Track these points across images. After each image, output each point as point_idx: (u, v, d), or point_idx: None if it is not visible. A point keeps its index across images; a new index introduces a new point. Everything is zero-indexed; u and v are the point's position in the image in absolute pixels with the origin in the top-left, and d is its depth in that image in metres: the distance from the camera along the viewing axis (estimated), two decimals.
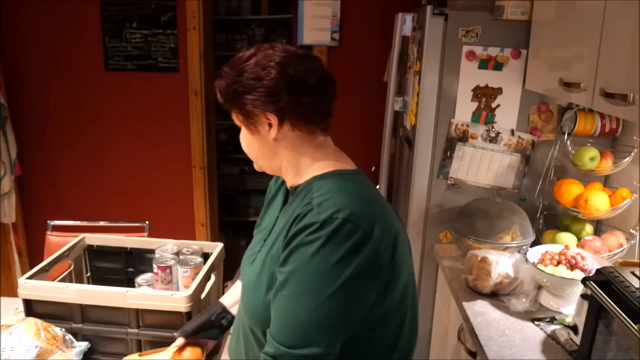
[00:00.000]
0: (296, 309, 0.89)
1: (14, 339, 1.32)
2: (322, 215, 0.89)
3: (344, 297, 0.89)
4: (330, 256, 0.87)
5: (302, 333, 0.89)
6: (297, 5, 2.92)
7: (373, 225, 0.91)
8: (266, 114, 0.99)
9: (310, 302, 0.88)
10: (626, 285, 1.09)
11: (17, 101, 3.04)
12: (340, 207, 0.90)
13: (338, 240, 0.88)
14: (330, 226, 0.88)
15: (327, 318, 0.89)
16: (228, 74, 1.01)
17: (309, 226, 0.89)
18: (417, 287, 2.06)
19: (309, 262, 0.88)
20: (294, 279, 0.90)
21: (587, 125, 1.74)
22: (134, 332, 1.38)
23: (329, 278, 0.88)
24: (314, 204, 0.92)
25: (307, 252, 0.89)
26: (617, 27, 1.21)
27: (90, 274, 1.77)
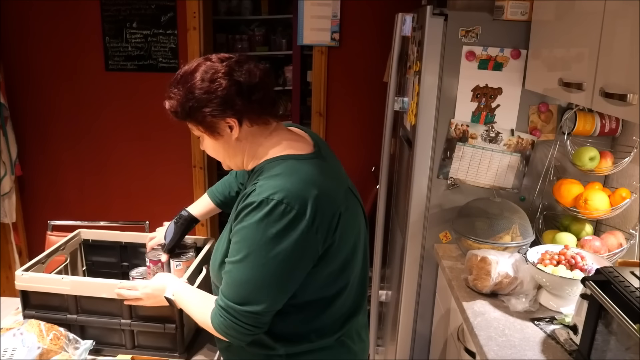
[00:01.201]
0: (238, 273, 1.07)
1: (16, 340, 1.33)
2: (261, 196, 1.04)
3: (279, 266, 1.05)
4: (265, 232, 1.03)
5: (244, 292, 1.07)
6: (297, 5, 2.92)
7: (306, 206, 1.05)
8: (225, 119, 1.11)
9: (250, 268, 1.06)
10: (626, 285, 1.10)
11: (17, 101, 3.05)
12: (277, 189, 1.04)
13: (272, 219, 1.03)
14: (266, 207, 1.03)
15: (263, 282, 1.06)
16: (177, 94, 1.11)
17: (249, 205, 1.05)
18: (417, 287, 2.07)
19: (248, 235, 1.05)
20: (237, 248, 1.07)
21: (586, 125, 1.74)
22: (127, 323, 1.42)
23: (265, 249, 1.04)
24: (257, 185, 1.08)
25: (246, 227, 1.05)
26: (617, 27, 1.21)
27: (86, 268, 1.81)
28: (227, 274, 1.10)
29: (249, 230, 1.05)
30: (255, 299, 1.07)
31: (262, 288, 1.07)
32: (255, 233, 1.04)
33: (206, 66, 1.11)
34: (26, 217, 3.26)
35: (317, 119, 3.06)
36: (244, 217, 1.06)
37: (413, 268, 2.05)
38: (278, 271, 1.06)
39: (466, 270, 1.65)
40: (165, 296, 1.28)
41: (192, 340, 1.51)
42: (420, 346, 2.14)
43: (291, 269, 1.08)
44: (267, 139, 1.17)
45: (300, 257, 1.08)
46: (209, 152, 1.20)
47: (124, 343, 1.45)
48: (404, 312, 2.10)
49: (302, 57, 3.38)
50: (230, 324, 1.08)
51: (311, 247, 1.08)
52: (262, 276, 1.06)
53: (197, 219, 1.56)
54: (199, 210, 1.57)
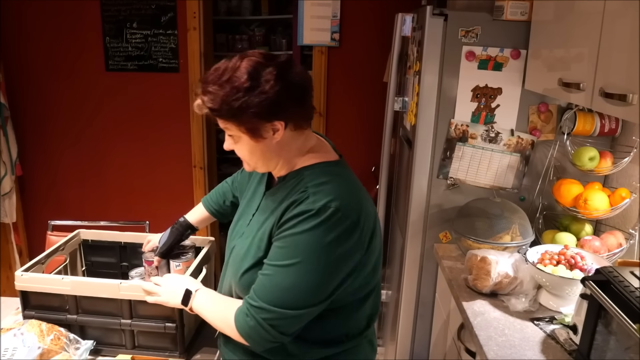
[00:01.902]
0: (283, 278, 1.04)
1: (17, 340, 1.33)
2: (317, 204, 1.03)
3: (328, 273, 1.05)
4: (322, 239, 1.02)
5: (285, 297, 1.04)
6: (297, 5, 2.92)
7: (360, 214, 1.06)
8: (273, 122, 1.05)
9: (298, 274, 1.03)
10: (625, 285, 1.10)
11: (17, 101, 3.05)
12: (333, 197, 1.04)
13: (329, 227, 1.02)
14: (324, 214, 1.02)
15: (309, 289, 1.04)
16: (218, 90, 1.03)
17: (306, 212, 1.03)
18: (417, 287, 2.07)
19: (302, 242, 1.03)
20: (285, 253, 1.05)
21: (586, 126, 1.74)
22: (127, 323, 1.42)
23: (318, 257, 1.03)
24: (309, 192, 1.06)
25: (302, 233, 1.03)
26: (616, 27, 1.21)
27: (85, 268, 1.81)
28: (267, 277, 1.06)
29: (303, 236, 1.03)
30: (295, 304, 1.05)
31: (307, 294, 1.05)
32: (311, 240, 1.02)
33: (252, 63, 1.04)
34: (26, 217, 3.26)
35: (317, 119, 3.06)
36: (298, 224, 1.03)
37: (413, 268, 2.05)
38: (326, 278, 1.05)
39: (466, 270, 1.65)
40: (187, 288, 1.24)
41: (192, 340, 1.52)
42: (420, 346, 2.14)
43: (338, 276, 1.06)
44: (303, 145, 1.14)
45: (349, 265, 1.07)
46: (242, 152, 1.13)
47: (124, 343, 1.45)
48: (404, 312, 2.10)
49: (302, 57, 3.38)
50: (255, 325, 1.05)
51: (359, 254, 1.08)
52: (309, 283, 1.04)
53: (193, 226, 1.56)
54: (195, 218, 1.57)
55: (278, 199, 1.13)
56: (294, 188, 1.10)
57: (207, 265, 1.60)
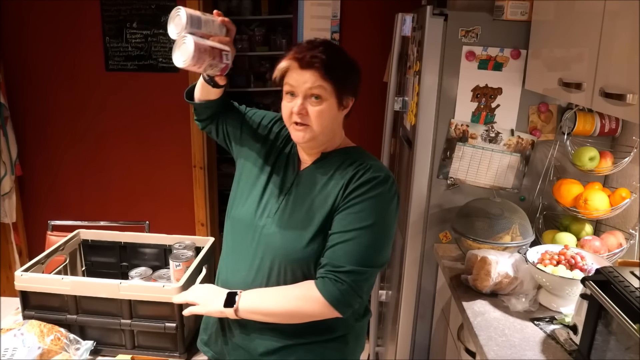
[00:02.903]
0: (366, 238, 1.13)
1: (17, 340, 1.33)
2: (382, 173, 1.18)
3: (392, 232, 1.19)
4: (390, 202, 1.17)
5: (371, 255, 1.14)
6: (297, 5, 2.92)
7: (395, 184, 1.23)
8: (350, 98, 1.21)
9: (377, 233, 1.15)
10: (625, 285, 1.10)
11: (17, 101, 3.05)
12: (385, 170, 1.20)
13: (393, 193, 1.18)
14: (388, 182, 1.18)
15: (385, 245, 1.17)
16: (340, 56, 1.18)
17: (375, 178, 1.16)
18: (417, 287, 2.07)
19: (377, 204, 1.15)
20: (363, 216, 1.14)
21: (586, 125, 1.74)
22: (127, 323, 1.42)
23: (389, 217, 1.17)
24: (369, 164, 1.19)
25: (375, 197, 1.15)
26: (616, 27, 1.21)
27: (85, 268, 1.81)
28: (350, 242, 1.13)
29: (376, 200, 1.15)
30: (378, 261, 1.16)
31: (385, 251, 1.17)
32: (382, 202, 1.15)
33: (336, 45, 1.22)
34: (26, 217, 3.26)
35: None
36: (370, 189, 1.15)
37: (413, 268, 2.05)
38: (391, 236, 1.19)
39: (466, 270, 1.65)
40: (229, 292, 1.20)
41: (192, 340, 1.52)
42: (420, 346, 2.14)
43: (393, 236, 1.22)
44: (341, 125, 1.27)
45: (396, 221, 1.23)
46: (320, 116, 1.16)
47: (124, 343, 1.45)
48: (404, 312, 2.10)
49: None
50: (348, 289, 1.12)
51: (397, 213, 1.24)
52: (385, 241, 1.17)
53: None
54: None
55: (326, 174, 1.21)
56: (344, 163, 1.21)
57: (207, 265, 1.60)
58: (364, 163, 1.20)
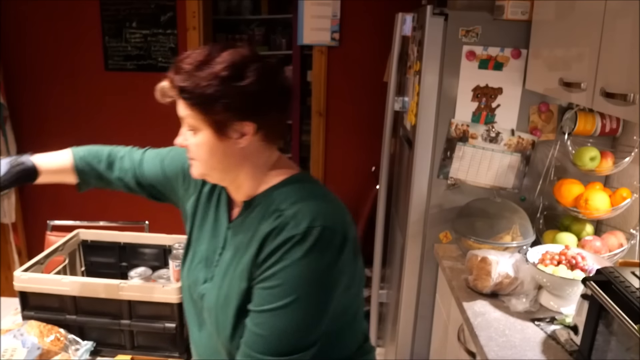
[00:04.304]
0: (285, 320, 0.91)
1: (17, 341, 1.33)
2: (301, 227, 0.90)
3: (331, 299, 0.94)
4: (316, 265, 0.91)
5: (293, 341, 0.92)
6: (297, 5, 2.92)
7: (345, 226, 0.95)
8: (243, 122, 0.93)
9: (300, 311, 0.91)
10: (626, 286, 1.09)
11: (17, 101, 3.04)
12: (315, 215, 0.92)
13: (321, 249, 0.90)
14: (311, 236, 0.90)
15: (316, 322, 0.93)
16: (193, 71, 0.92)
17: (291, 239, 0.90)
18: (417, 287, 2.07)
19: (295, 274, 0.90)
20: (278, 293, 0.91)
21: (587, 125, 1.74)
22: (127, 324, 1.42)
23: (316, 285, 0.91)
24: (287, 215, 0.92)
25: (293, 265, 0.90)
26: (617, 26, 1.21)
27: (85, 269, 1.81)
28: (264, 326, 0.92)
29: (294, 267, 0.90)
30: (307, 343, 0.92)
31: (315, 329, 0.93)
32: (304, 270, 0.90)
33: (238, 55, 0.93)
34: (25, 217, 3.26)
35: (317, 118, 3.06)
36: (285, 255, 0.90)
37: (413, 268, 2.05)
38: (329, 304, 0.94)
39: (466, 271, 1.65)
40: None
41: None
42: (420, 346, 2.13)
43: (336, 296, 0.95)
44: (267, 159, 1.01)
45: (348, 282, 0.97)
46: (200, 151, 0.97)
47: (123, 343, 1.45)
48: (404, 312, 2.10)
49: (302, 57, 3.38)
50: None
51: (355, 268, 0.99)
52: (315, 316, 0.93)
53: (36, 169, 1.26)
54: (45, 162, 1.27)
55: (249, 232, 0.98)
56: (265, 214, 0.96)
57: None
58: (283, 214, 0.93)
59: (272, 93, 0.94)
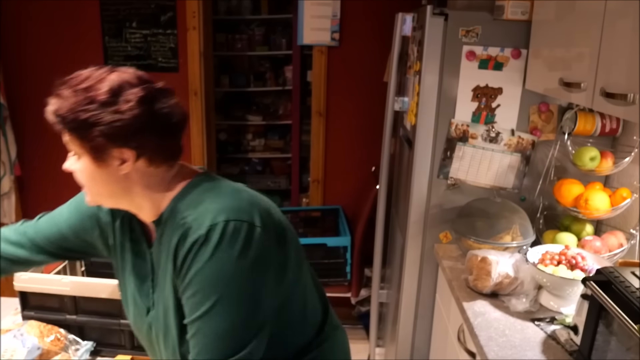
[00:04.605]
0: (214, 324, 0.89)
1: (17, 341, 1.33)
2: (203, 227, 0.89)
3: (253, 289, 0.92)
4: (226, 260, 0.89)
5: (229, 342, 0.90)
6: (297, 5, 2.92)
7: (252, 214, 0.93)
8: (122, 149, 0.91)
9: (226, 311, 0.89)
10: (626, 286, 1.09)
11: (17, 101, 3.04)
12: (216, 212, 0.91)
13: (227, 243, 0.89)
14: (215, 233, 0.89)
15: (246, 317, 0.91)
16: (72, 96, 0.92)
17: (196, 242, 0.89)
18: (417, 287, 2.07)
19: (208, 275, 0.89)
20: (200, 299, 0.90)
21: (587, 125, 1.74)
22: (127, 323, 1.41)
23: (234, 279, 0.90)
24: (189, 221, 0.91)
25: (205, 267, 0.89)
26: (617, 27, 1.21)
27: (85, 268, 1.80)
28: (198, 334, 0.91)
29: (206, 269, 0.89)
30: (243, 341, 0.91)
31: (247, 324, 0.92)
32: (216, 268, 0.89)
33: (118, 78, 0.93)
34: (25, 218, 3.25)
35: (317, 119, 3.06)
36: (194, 260, 0.90)
37: (413, 268, 2.05)
38: (259, 295, 0.92)
39: (466, 271, 1.65)
40: None
41: None
42: (420, 346, 2.13)
43: (265, 286, 0.94)
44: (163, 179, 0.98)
45: (267, 269, 0.94)
46: (82, 176, 0.96)
47: (123, 344, 1.45)
48: (404, 312, 2.10)
49: (302, 57, 3.37)
50: None
51: (272, 255, 0.96)
52: (242, 311, 0.91)
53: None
54: None
55: (166, 249, 0.96)
56: (174, 227, 0.94)
57: None
58: (185, 221, 0.92)
59: (150, 119, 0.92)
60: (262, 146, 4.23)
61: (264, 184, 4.22)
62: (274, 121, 4.15)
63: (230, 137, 4.19)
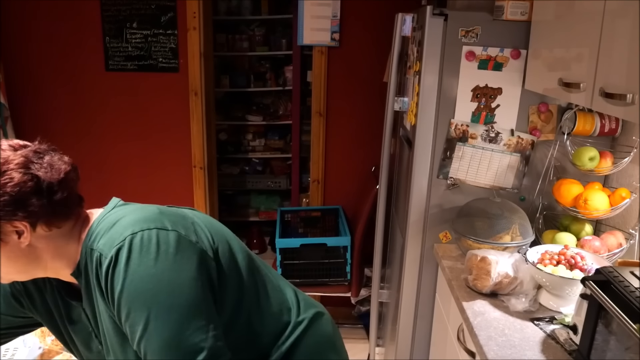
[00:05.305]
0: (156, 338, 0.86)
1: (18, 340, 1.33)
2: (112, 249, 0.87)
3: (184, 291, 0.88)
4: (143, 271, 0.86)
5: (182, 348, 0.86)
6: (297, 5, 2.92)
7: (161, 221, 0.92)
8: (13, 222, 0.88)
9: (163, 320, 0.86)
10: (625, 285, 1.10)
11: (17, 101, 3.05)
12: (121, 232, 0.89)
13: (138, 255, 0.86)
14: (124, 249, 0.87)
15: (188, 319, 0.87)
16: None
17: (109, 266, 0.87)
18: (417, 287, 2.07)
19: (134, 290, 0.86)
20: (134, 319, 0.87)
21: (586, 125, 1.74)
22: None
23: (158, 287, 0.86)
24: (99, 249, 0.90)
25: (124, 286, 0.86)
26: (616, 27, 1.21)
27: None
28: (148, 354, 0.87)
29: (127, 287, 0.86)
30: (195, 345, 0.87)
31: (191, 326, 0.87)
32: (135, 282, 0.86)
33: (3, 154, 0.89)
34: None
35: (317, 119, 3.06)
36: (112, 282, 0.87)
37: (413, 268, 2.05)
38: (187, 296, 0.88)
39: (466, 270, 1.65)
40: None
41: None
42: (420, 346, 2.14)
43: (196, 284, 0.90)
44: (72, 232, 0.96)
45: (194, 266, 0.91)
46: None
47: None
48: (404, 312, 2.10)
49: (302, 57, 3.38)
50: None
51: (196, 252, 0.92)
52: (179, 315, 0.87)
53: None
54: None
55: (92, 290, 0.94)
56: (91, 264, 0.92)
57: None
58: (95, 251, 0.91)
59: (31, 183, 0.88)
60: (262, 146, 4.24)
61: (264, 184, 4.23)
62: (274, 121, 4.15)
63: (230, 137, 4.19)
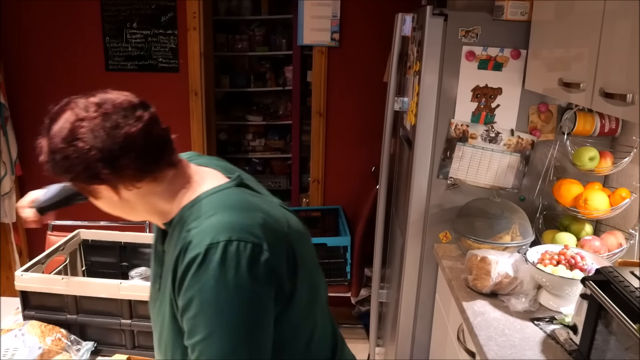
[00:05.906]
0: (213, 352, 0.84)
1: (18, 340, 1.33)
2: (203, 245, 0.84)
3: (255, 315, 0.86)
4: (225, 285, 0.83)
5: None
6: (297, 5, 2.92)
7: (260, 234, 0.87)
8: (92, 186, 0.90)
9: (225, 338, 0.84)
10: (625, 285, 1.10)
11: (17, 101, 3.05)
12: (220, 229, 0.85)
13: (229, 265, 0.83)
14: (215, 254, 0.83)
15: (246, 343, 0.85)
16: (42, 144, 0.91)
17: (194, 260, 0.84)
18: (417, 287, 2.07)
19: (206, 300, 0.83)
20: (197, 323, 0.85)
21: (586, 125, 1.74)
22: (127, 323, 1.43)
23: (233, 306, 0.84)
24: (192, 234, 0.87)
25: (202, 290, 0.83)
26: (616, 27, 1.21)
27: (85, 268, 1.82)
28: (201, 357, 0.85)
29: (203, 293, 0.83)
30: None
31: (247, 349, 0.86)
32: (214, 292, 0.83)
33: (70, 115, 0.90)
34: None
35: (317, 119, 3.07)
36: (193, 280, 0.84)
37: (413, 268, 2.05)
38: (258, 322, 0.86)
39: (466, 270, 1.65)
40: None
41: None
42: (420, 346, 2.14)
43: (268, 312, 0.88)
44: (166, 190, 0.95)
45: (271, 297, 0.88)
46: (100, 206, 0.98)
47: (124, 343, 1.45)
48: (404, 312, 2.10)
49: (302, 57, 3.38)
50: None
51: (280, 279, 0.89)
52: (241, 338, 0.85)
53: None
54: None
55: (171, 253, 0.92)
56: (180, 234, 0.90)
57: None
58: (189, 232, 0.88)
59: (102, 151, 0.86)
60: (262, 146, 4.24)
61: (264, 184, 4.19)
62: (274, 121, 4.15)
63: (230, 137, 4.19)
